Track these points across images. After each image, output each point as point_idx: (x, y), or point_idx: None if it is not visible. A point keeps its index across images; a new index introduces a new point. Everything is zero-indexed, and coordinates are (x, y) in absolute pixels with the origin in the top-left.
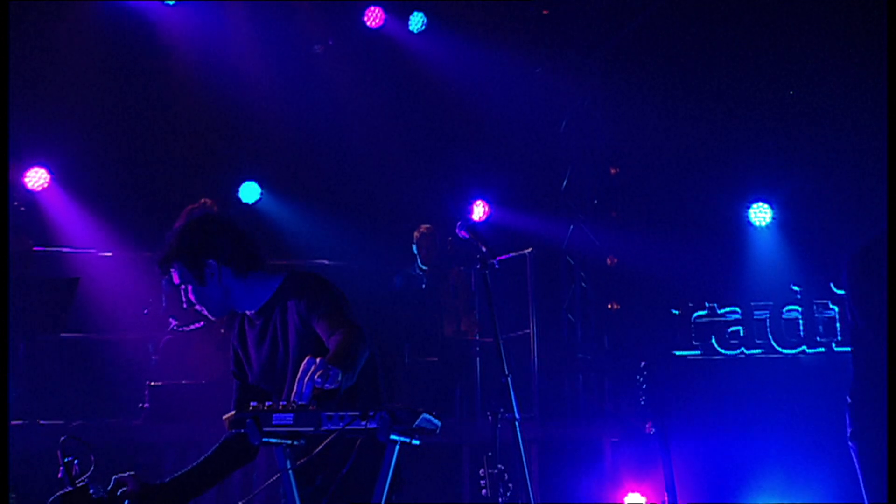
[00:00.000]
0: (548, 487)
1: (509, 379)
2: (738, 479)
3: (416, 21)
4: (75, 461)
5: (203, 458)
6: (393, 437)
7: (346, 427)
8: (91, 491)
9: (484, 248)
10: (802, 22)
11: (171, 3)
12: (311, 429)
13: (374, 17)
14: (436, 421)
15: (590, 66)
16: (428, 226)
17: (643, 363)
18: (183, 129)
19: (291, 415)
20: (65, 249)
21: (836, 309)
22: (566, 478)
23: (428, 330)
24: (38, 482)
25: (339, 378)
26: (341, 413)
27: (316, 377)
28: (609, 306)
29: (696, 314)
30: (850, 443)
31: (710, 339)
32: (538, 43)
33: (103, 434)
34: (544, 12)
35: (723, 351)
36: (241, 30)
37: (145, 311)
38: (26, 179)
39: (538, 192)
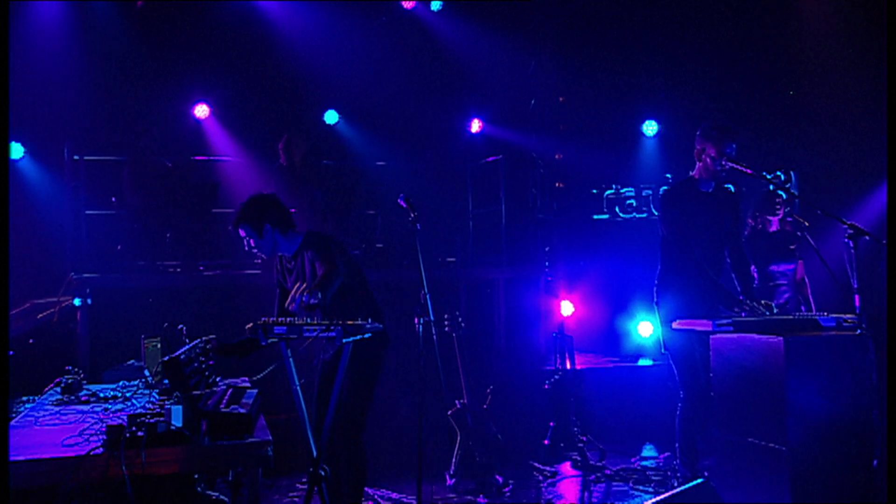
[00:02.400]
0: (510, 307)
1: (427, 296)
2: (626, 290)
3: (437, 4)
4: (183, 328)
5: None
6: (346, 340)
7: (318, 335)
8: (181, 357)
9: (413, 214)
10: None
11: None
12: (296, 336)
13: (407, 1)
14: (378, 325)
15: (547, 30)
16: None
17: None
18: (288, 76)
19: (284, 327)
20: (214, 158)
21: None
22: (521, 298)
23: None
24: (194, 316)
25: (319, 296)
26: (314, 325)
27: (304, 294)
28: (557, 185)
29: (607, 192)
30: (654, 305)
31: (615, 208)
32: (516, 15)
33: (234, 280)
34: None
35: (623, 215)
36: (324, 10)
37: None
38: (195, 111)
39: (515, 112)
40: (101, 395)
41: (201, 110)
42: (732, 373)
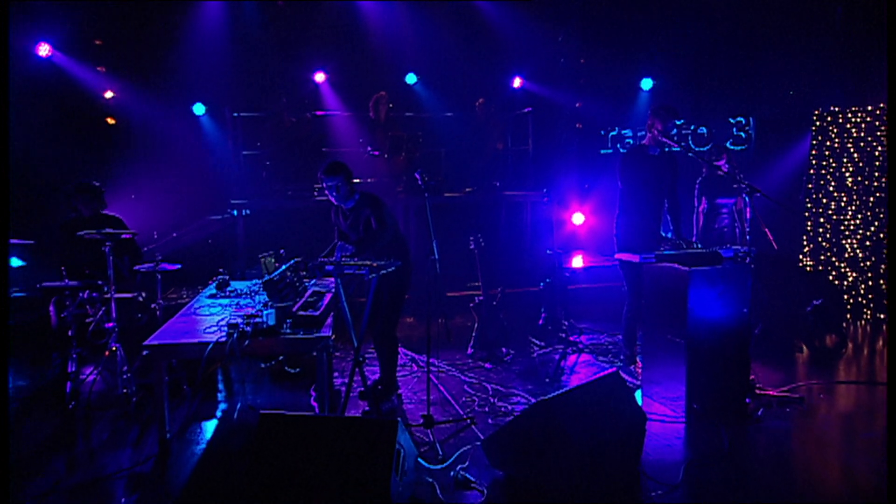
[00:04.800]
0: (535, 221)
1: (434, 243)
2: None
3: None
4: (283, 252)
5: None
6: (371, 276)
7: (355, 273)
8: (275, 278)
9: (422, 185)
10: None
11: None
12: (339, 272)
13: None
14: (398, 262)
15: (571, 11)
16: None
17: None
18: (378, 49)
19: (332, 266)
20: (328, 112)
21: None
22: (543, 211)
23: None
24: (308, 229)
25: (352, 249)
26: (352, 265)
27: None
28: (577, 126)
29: (610, 133)
30: (614, 237)
31: (617, 145)
32: None
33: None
34: None
35: (622, 150)
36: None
37: (360, 140)
38: (315, 77)
39: (548, 72)
40: (239, 290)
41: (319, 77)
42: (655, 289)
